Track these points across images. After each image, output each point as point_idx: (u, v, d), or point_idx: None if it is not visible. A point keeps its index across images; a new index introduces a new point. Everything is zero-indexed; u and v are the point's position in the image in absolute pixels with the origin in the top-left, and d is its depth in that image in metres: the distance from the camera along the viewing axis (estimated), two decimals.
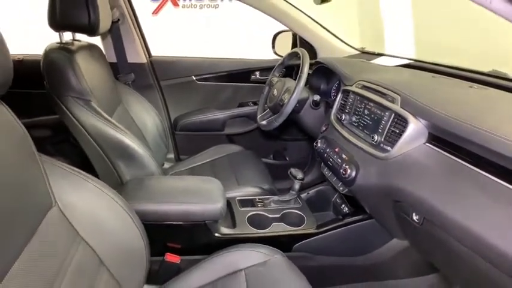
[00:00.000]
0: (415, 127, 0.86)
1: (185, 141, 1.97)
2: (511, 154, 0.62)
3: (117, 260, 0.81)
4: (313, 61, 1.54)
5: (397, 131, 0.91)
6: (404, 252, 1.19)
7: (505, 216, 0.62)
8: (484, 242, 0.64)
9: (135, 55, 1.80)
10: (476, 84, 1.04)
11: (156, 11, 3.86)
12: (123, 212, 0.84)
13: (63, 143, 1.71)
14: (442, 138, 0.81)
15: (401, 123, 0.91)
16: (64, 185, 0.76)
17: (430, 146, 0.84)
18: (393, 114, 0.94)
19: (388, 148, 0.92)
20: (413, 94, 0.93)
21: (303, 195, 1.47)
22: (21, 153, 0.68)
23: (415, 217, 0.85)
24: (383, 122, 0.98)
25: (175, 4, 3.83)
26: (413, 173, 0.84)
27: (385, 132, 0.96)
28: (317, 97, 1.42)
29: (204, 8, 3.74)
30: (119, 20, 1.63)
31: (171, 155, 1.93)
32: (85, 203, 0.79)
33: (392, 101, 0.96)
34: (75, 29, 1.25)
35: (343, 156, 1.09)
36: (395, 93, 0.97)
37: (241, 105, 2.00)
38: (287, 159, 2.09)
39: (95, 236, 0.78)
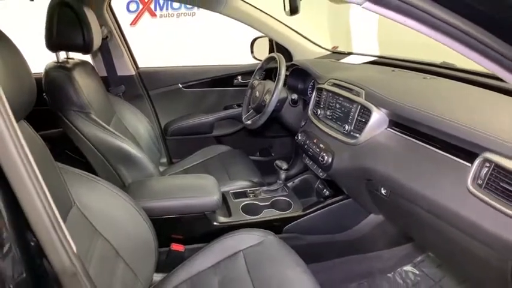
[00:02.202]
0: (377, 116, 1.00)
1: (176, 145, 2.04)
2: (454, 132, 0.75)
3: (131, 251, 0.90)
4: (289, 63, 1.66)
5: (363, 120, 1.05)
6: (381, 226, 1.32)
7: (450, 181, 0.75)
8: (437, 204, 0.77)
9: (124, 68, 1.86)
10: (429, 76, 1.20)
11: (133, 22, 3.91)
12: (131, 209, 0.93)
13: (62, 155, 1.77)
14: (400, 123, 0.95)
15: (366, 113, 1.04)
16: (79, 187, 0.85)
17: (391, 130, 0.98)
18: (359, 106, 1.08)
19: (357, 135, 1.06)
20: (375, 88, 1.07)
21: (289, 184, 1.57)
22: (43, 162, 0.77)
23: (383, 191, 0.99)
24: (351, 113, 1.11)
25: (153, 14, 3.89)
26: (379, 154, 0.98)
27: (354, 122, 1.10)
28: (295, 96, 1.54)
29: (181, 16, 3.81)
30: (107, 36, 1.71)
31: (164, 159, 1.99)
32: (99, 202, 0.88)
33: (358, 94, 1.10)
34: (71, 48, 1.33)
35: (321, 145, 1.23)
36: (360, 88, 1.11)
37: (226, 108, 2.08)
38: (273, 155, 2.18)
39: (110, 231, 0.87)
